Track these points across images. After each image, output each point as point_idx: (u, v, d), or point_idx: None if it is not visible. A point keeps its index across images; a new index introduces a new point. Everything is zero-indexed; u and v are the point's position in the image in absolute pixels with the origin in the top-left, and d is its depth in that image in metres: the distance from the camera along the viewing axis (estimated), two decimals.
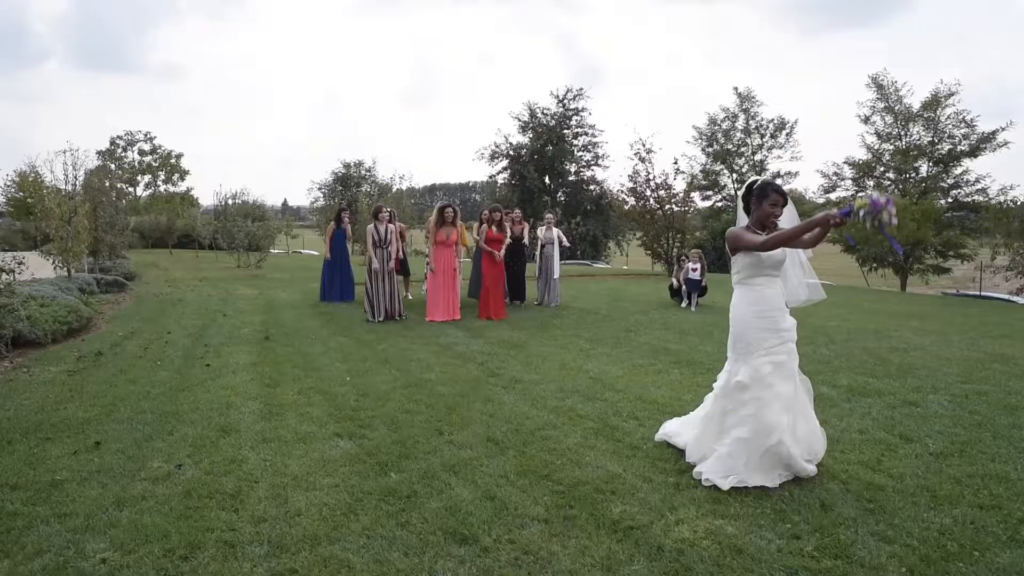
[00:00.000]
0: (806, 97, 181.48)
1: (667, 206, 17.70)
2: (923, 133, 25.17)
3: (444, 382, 5.78)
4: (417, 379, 5.87)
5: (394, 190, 26.70)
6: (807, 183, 75.92)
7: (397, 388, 5.56)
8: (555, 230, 11.26)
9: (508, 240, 9.99)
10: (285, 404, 5.08)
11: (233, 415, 4.79)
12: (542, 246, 11.23)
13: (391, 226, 9.72)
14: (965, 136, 24.34)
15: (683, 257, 11.79)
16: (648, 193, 17.85)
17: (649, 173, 17.89)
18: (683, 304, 11.07)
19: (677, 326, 9.15)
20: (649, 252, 18.76)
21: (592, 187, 36.66)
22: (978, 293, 18.26)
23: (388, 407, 5.00)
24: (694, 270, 11.01)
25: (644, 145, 18.10)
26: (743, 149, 32.25)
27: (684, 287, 11.25)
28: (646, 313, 10.41)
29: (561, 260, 11.46)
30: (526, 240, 10.75)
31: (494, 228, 9.81)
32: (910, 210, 20.10)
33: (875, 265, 27.43)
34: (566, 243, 11.61)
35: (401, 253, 10.60)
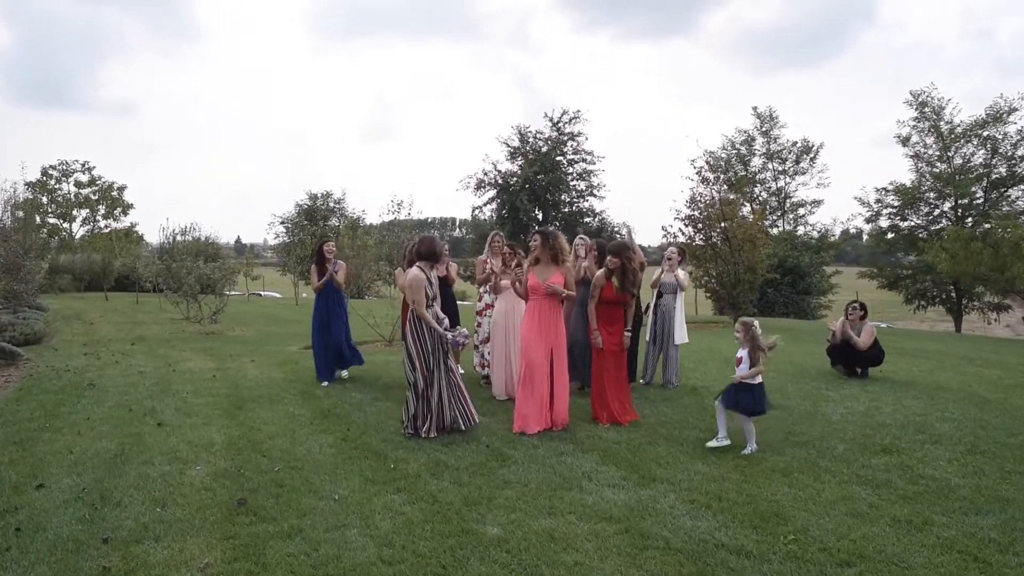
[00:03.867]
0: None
1: (734, 237, 14.07)
2: (976, 153, 22.37)
3: None
4: None
5: (389, 220, 22.45)
6: (834, 213, 72.72)
7: None
8: (680, 272, 7.46)
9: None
10: None
11: None
12: (659, 295, 7.42)
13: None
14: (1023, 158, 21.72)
15: (854, 305, 8.10)
16: (711, 223, 14.21)
17: (714, 198, 14.24)
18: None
19: (964, 442, 5.44)
20: (710, 296, 15.16)
21: (588, 219, 33.41)
22: None
23: None
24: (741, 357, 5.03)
25: (709, 163, 14.53)
26: (762, 175, 29.20)
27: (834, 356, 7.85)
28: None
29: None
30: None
31: (615, 282, 5.71)
32: None
33: (922, 303, 24.53)
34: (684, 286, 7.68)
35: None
